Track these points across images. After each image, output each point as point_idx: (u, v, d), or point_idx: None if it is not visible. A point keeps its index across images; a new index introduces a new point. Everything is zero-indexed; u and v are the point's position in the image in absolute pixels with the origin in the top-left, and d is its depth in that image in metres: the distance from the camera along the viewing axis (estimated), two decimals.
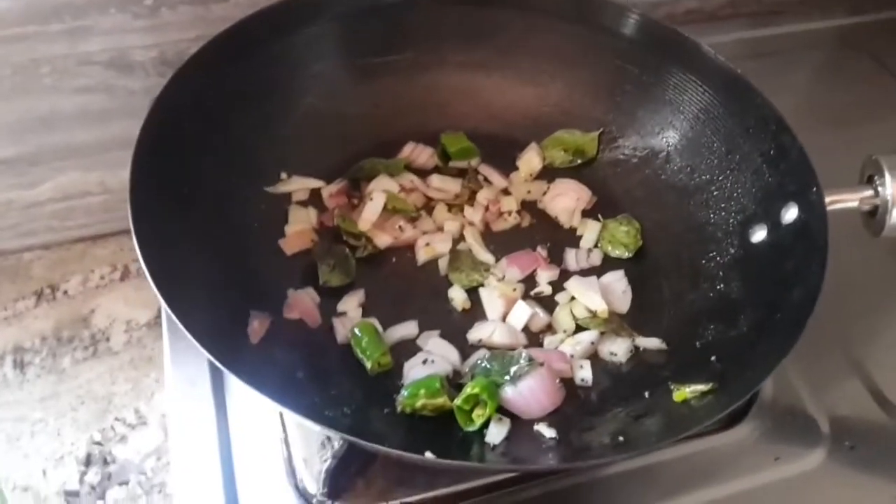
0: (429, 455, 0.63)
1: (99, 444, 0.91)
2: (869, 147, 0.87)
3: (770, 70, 1.21)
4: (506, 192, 0.96)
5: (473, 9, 0.96)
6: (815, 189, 0.76)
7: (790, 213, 0.79)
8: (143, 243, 0.67)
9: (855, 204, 0.79)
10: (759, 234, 0.82)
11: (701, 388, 0.71)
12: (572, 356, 0.81)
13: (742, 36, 1.27)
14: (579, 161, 0.97)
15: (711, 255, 0.85)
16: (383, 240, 0.89)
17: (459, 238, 0.91)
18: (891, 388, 0.86)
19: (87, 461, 0.89)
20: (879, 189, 0.78)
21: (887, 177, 0.77)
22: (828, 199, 0.76)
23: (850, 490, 0.80)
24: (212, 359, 0.62)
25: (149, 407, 0.94)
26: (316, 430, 0.70)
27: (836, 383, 0.87)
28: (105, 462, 0.89)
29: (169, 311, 0.64)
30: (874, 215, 0.79)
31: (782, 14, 1.30)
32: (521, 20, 0.96)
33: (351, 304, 0.83)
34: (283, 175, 0.91)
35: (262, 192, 0.89)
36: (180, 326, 0.63)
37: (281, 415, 0.79)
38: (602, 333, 0.82)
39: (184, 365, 0.83)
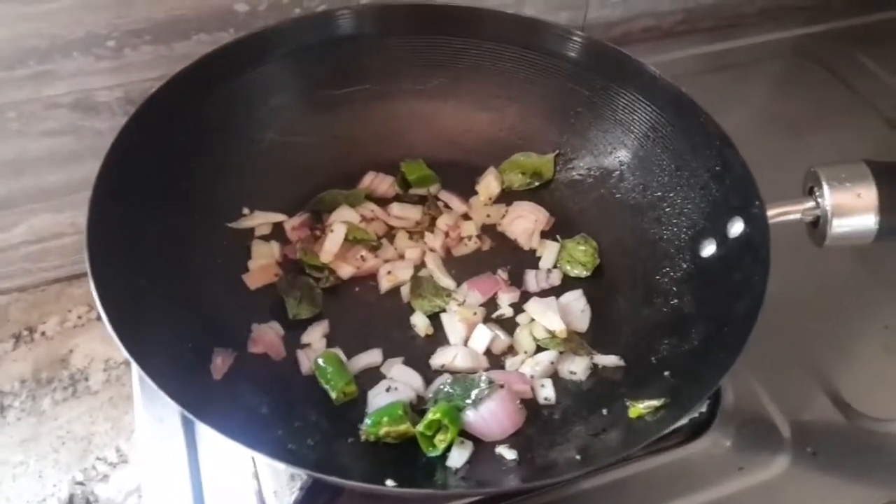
0: (389, 483, 0.65)
1: (81, 483, 0.92)
2: (821, 154, 0.89)
3: (727, 83, 1.24)
4: (466, 216, 0.98)
5: (426, 38, 0.98)
6: (757, 203, 0.78)
7: (736, 227, 0.80)
8: (102, 289, 0.69)
9: (798, 216, 0.80)
10: (708, 249, 0.84)
11: (654, 403, 0.73)
12: (533, 376, 0.82)
13: (699, 51, 1.29)
14: (537, 183, 0.99)
15: (665, 270, 0.87)
16: (346, 270, 0.91)
17: (421, 265, 0.93)
18: (850, 392, 0.88)
19: (70, 502, 0.90)
20: (819, 200, 0.79)
21: (825, 188, 0.78)
22: (771, 212, 0.78)
23: (814, 496, 0.81)
24: (173, 402, 0.63)
25: (129, 445, 0.95)
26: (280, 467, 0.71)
27: (796, 390, 0.88)
28: (87, 502, 0.90)
29: (129, 356, 0.65)
30: (816, 226, 0.80)
31: (738, 27, 1.33)
32: (474, 47, 0.98)
33: (315, 336, 0.85)
34: (245, 210, 0.93)
35: (224, 228, 0.90)
36: (140, 372, 0.65)
37: None
38: (561, 353, 0.84)
39: (153, 403, 0.84)
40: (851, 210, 0.78)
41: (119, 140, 0.80)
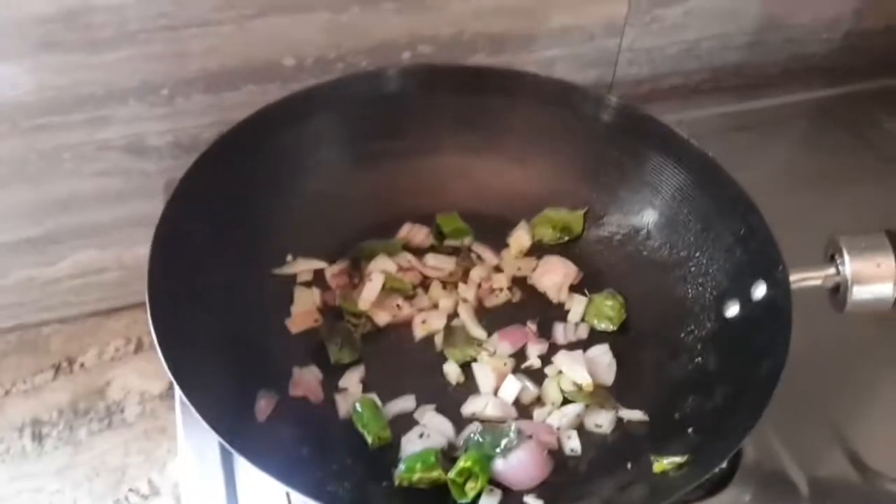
0: None
1: None
2: (844, 215, 0.91)
3: (752, 141, 1.26)
4: (497, 269, 1.00)
5: (465, 96, 1.01)
6: (780, 268, 0.80)
7: (759, 290, 0.82)
8: (159, 327, 0.72)
9: (819, 282, 0.82)
10: (732, 309, 0.86)
11: (677, 459, 0.74)
12: (559, 428, 0.84)
13: (725, 109, 1.30)
14: (567, 238, 1.01)
15: (690, 328, 0.89)
16: (382, 317, 0.93)
17: (454, 314, 0.95)
18: (867, 453, 0.89)
19: None
20: (840, 268, 0.81)
21: (846, 256, 0.80)
22: (793, 278, 0.80)
23: None
24: (219, 438, 0.67)
25: (162, 477, 0.97)
26: None
27: (816, 450, 0.89)
28: None
29: (179, 391, 0.68)
30: (837, 292, 0.82)
31: (763, 87, 1.35)
32: (509, 106, 1.01)
33: (352, 381, 0.87)
34: (289, 257, 0.95)
35: (269, 274, 0.93)
36: (189, 406, 0.68)
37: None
38: (587, 406, 0.86)
39: (195, 438, 0.86)
40: (871, 279, 0.80)
41: (180, 187, 0.84)
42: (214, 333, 0.81)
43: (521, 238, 1.02)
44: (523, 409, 0.87)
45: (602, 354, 0.91)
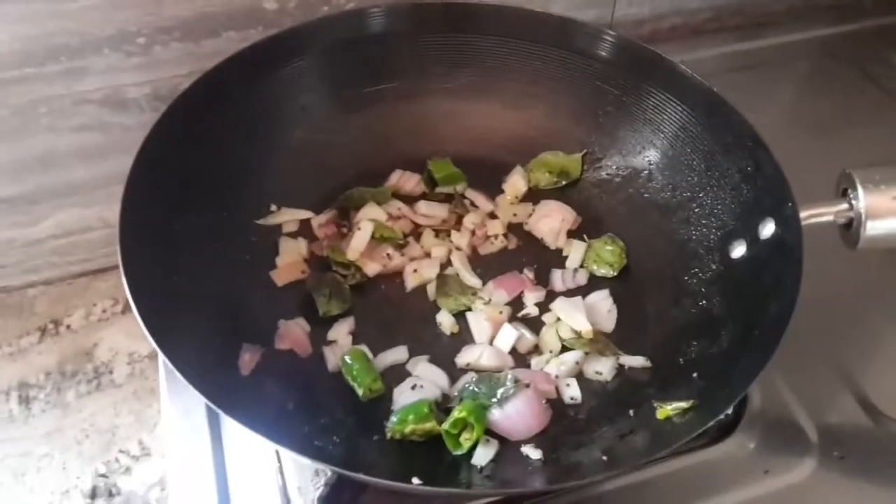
0: (415, 482, 0.65)
1: (104, 476, 0.92)
2: (852, 155, 0.89)
3: (755, 82, 1.23)
4: (492, 215, 0.97)
5: (456, 36, 0.98)
6: (790, 204, 0.77)
7: (767, 229, 0.80)
8: (133, 281, 0.69)
9: (830, 218, 0.79)
10: (738, 250, 0.84)
11: (682, 405, 0.72)
12: (557, 376, 0.82)
13: (727, 49, 1.28)
14: (564, 182, 0.99)
15: (694, 271, 0.87)
16: (372, 268, 0.91)
17: (447, 263, 0.93)
18: (878, 396, 0.87)
19: (93, 494, 0.90)
20: (853, 202, 0.78)
21: (860, 190, 0.77)
22: (803, 214, 0.77)
23: (840, 500, 0.80)
24: (201, 395, 0.64)
25: (152, 437, 0.96)
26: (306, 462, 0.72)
27: (824, 394, 0.87)
28: (110, 494, 0.90)
29: (159, 350, 0.66)
30: (850, 228, 0.80)
31: (767, 26, 1.32)
32: (503, 46, 0.98)
33: (341, 332, 0.85)
34: (273, 207, 0.93)
35: (252, 225, 0.91)
36: (167, 363, 0.65)
37: None
38: (587, 353, 0.83)
39: (180, 397, 0.85)
40: (886, 213, 0.78)
41: (151, 136, 0.80)
42: (194, 288, 0.79)
43: (516, 183, 0.99)
44: (520, 358, 0.85)
45: (602, 300, 0.88)
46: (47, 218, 1.03)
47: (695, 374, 0.77)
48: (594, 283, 0.92)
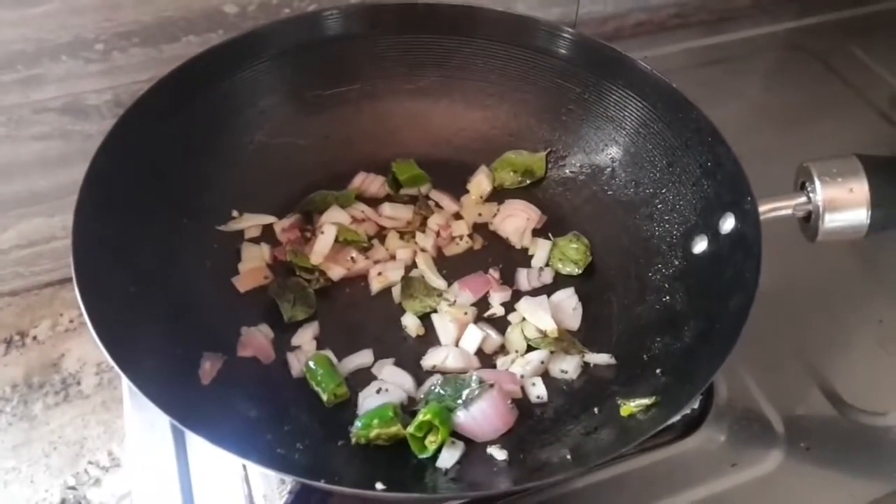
0: (379, 487, 0.65)
1: (73, 488, 0.92)
2: (816, 149, 0.89)
3: (720, 77, 1.24)
4: (457, 216, 0.97)
5: (417, 37, 0.97)
6: (749, 198, 0.77)
7: (728, 223, 0.80)
8: (88, 295, 0.68)
9: (790, 211, 0.80)
10: (700, 245, 0.84)
11: (645, 402, 0.72)
12: (523, 376, 0.82)
13: (692, 45, 1.29)
14: (528, 181, 0.99)
15: (657, 267, 0.87)
16: (336, 272, 0.90)
17: (412, 265, 0.92)
18: (844, 386, 0.87)
19: None
20: (811, 196, 0.79)
21: (817, 183, 0.78)
22: (762, 208, 0.77)
23: (808, 491, 0.80)
24: (159, 409, 0.63)
25: (121, 448, 0.95)
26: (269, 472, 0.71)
27: (790, 385, 0.88)
28: None
29: (115, 365, 0.64)
30: (809, 221, 0.80)
31: (731, 21, 1.32)
32: (464, 46, 0.98)
33: (305, 338, 0.84)
34: (235, 213, 0.92)
35: (213, 232, 0.90)
36: (125, 379, 0.64)
37: None
38: (552, 352, 0.83)
39: (143, 409, 0.83)
40: (844, 205, 0.78)
41: (106, 144, 0.79)
42: (153, 298, 0.78)
43: (481, 183, 0.99)
44: (486, 359, 0.85)
45: (567, 298, 0.88)
46: (10, 228, 1.02)
47: (658, 371, 0.77)
48: (560, 281, 0.91)
